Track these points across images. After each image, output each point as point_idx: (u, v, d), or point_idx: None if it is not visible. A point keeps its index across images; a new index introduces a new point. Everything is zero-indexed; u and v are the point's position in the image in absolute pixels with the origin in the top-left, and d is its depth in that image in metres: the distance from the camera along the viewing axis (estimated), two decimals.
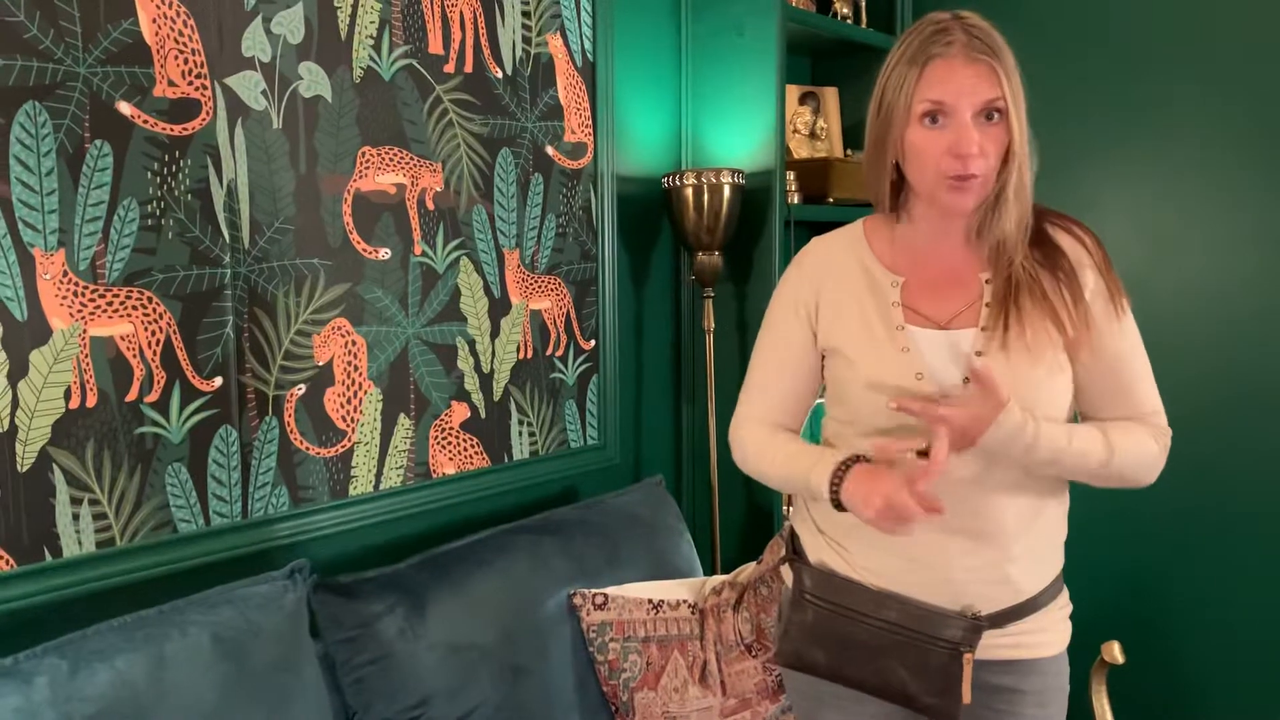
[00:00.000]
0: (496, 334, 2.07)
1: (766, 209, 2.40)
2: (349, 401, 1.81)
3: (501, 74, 2.05)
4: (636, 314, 2.48)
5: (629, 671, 1.86)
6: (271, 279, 1.69)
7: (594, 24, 2.25)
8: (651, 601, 1.91)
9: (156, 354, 1.54)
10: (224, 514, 1.64)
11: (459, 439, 2.02)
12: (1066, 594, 1.42)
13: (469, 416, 2.03)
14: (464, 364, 2.02)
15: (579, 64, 2.23)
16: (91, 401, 1.48)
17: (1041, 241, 1.34)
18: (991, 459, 1.29)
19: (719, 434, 2.41)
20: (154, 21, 1.52)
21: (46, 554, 1.44)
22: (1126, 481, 1.34)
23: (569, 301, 2.24)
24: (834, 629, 1.37)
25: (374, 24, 1.82)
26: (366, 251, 1.83)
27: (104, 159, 1.47)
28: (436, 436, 1.97)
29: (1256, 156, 2.29)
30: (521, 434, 2.15)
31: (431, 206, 1.93)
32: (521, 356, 2.13)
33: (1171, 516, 2.43)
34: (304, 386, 1.74)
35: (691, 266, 2.40)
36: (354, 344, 1.82)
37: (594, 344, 2.31)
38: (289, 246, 1.71)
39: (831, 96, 2.78)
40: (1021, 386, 1.27)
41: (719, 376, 2.45)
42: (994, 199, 1.29)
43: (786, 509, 2.42)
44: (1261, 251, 2.29)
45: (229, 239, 1.63)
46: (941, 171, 1.26)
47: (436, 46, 1.92)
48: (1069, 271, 1.31)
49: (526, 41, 2.10)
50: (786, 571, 1.50)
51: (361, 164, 1.81)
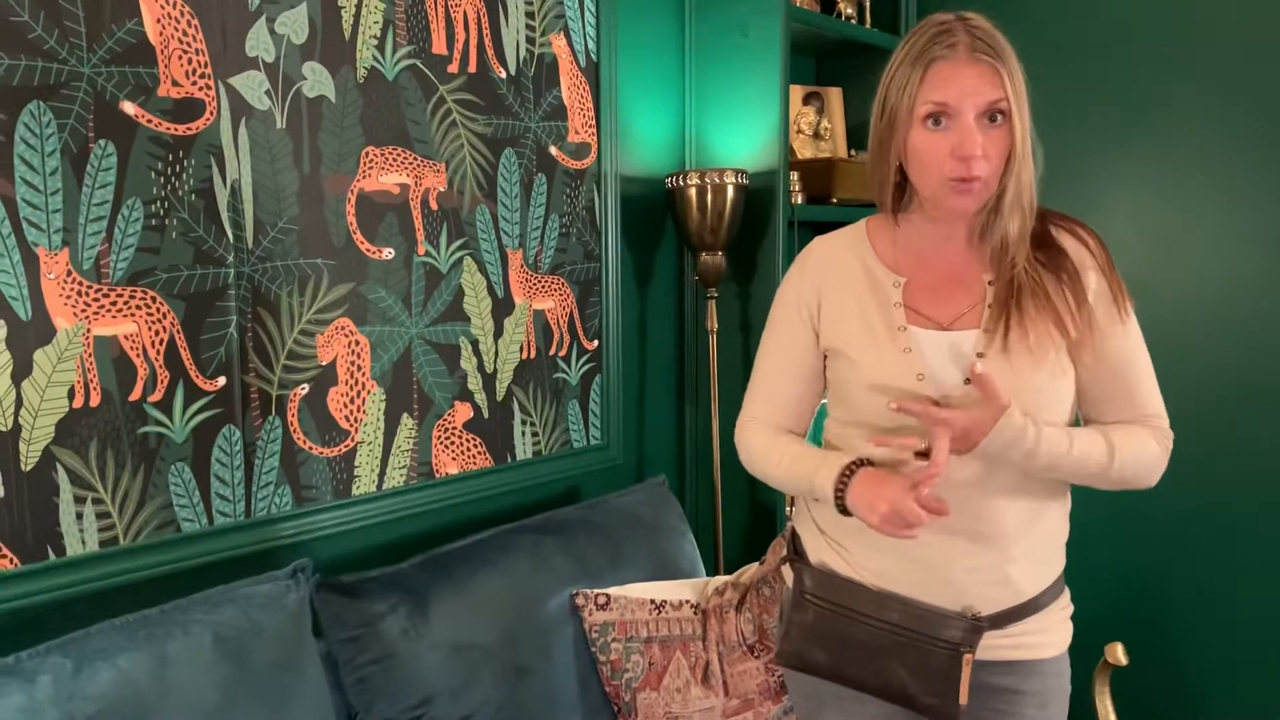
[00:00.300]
0: (500, 334, 2.08)
1: (770, 209, 2.40)
2: (352, 401, 1.82)
3: (505, 74, 2.05)
4: (640, 314, 2.48)
5: (631, 672, 1.86)
6: (275, 279, 1.69)
7: (597, 24, 2.25)
8: (654, 602, 1.91)
9: (160, 353, 1.55)
10: (227, 513, 1.65)
11: (462, 439, 2.02)
12: (1068, 595, 1.42)
13: (472, 416, 2.03)
14: (467, 364, 2.02)
15: (582, 64, 2.23)
16: (95, 401, 1.48)
17: (1045, 243, 1.34)
18: (992, 462, 1.29)
19: (722, 434, 2.41)
20: (158, 21, 1.52)
21: (50, 553, 1.44)
22: (1127, 484, 1.34)
23: (572, 301, 2.24)
24: (835, 629, 1.37)
25: (378, 24, 1.82)
26: (370, 251, 1.83)
27: (108, 159, 1.48)
28: (439, 436, 1.97)
29: (1257, 156, 2.28)
30: (524, 434, 2.15)
31: (435, 206, 1.93)
32: (525, 356, 2.14)
33: (1174, 517, 2.43)
34: (307, 386, 1.75)
35: (695, 267, 2.40)
36: (357, 344, 1.82)
37: (597, 344, 2.32)
38: (292, 246, 1.72)
39: (835, 97, 2.78)
40: (1023, 389, 1.27)
41: (722, 377, 2.45)
42: (996, 201, 1.29)
43: (789, 509, 2.42)
44: (1262, 251, 2.29)
45: (233, 239, 1.63)
46: (944, 174, 1.26)
47: (440, 47, 1.93)
48: (1072, 273, 1.31)
49: (530, 42, 2.10)
50: (787, 572, 1.50)
51: (365, 164, 1.81)
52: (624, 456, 2.42)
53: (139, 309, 1.52)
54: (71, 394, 1.45)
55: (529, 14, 2.09)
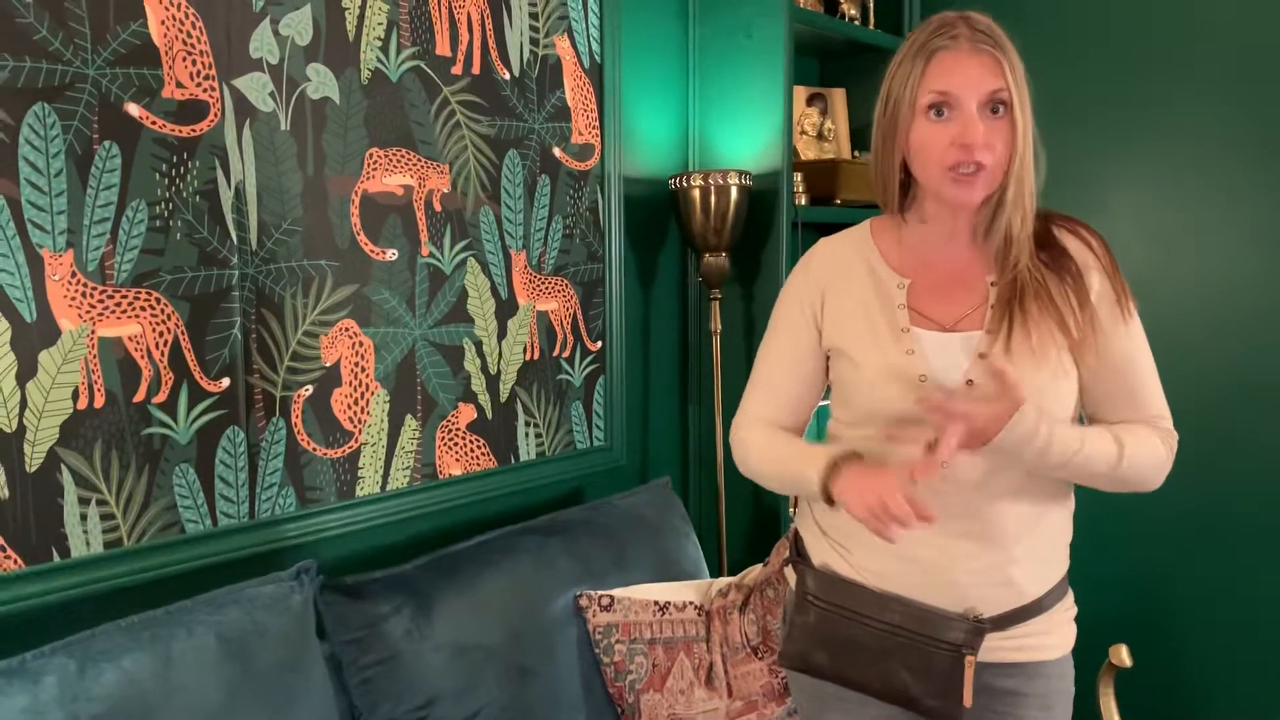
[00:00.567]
0: (503, 335, 2.08)
1: (774, 210, 2.40)
2: (356, 402, 1.82)
3: (509, 76, 2.05)
4: (643, 315, 2.48)
5: (635, 673, 1.86)
6: (279, 280, 1.69)
7: (601, 26, 2.25)
8: (658, 603, 1.91)
9: (164, 355, 1.55)
10: (231, 514, 1.65)
11: (466, 440, 2.02)
12: (1071, 596, 1.41)
13: (475, 418, 2.03)
14: (471, 365, 2.02)
15: (586, 66, 2.23)
16: (99, 402, 1.48)
17: (1048, 244, 1.33)
18: (1002, 460, 1.28)
19: (725, 435, 2.40)
20: (162, 23, 1.53)
21: (55, 554, 1.44)
22: (1133, 485, 1.33)
23: (576, 303, 2.24)
24: (837, 631, 1.36)
25: (382, 26, 1.82)
26: (374, 253, 1.83)
27: (112, 160, 1.48)
28: (443, 437, 1.97)
29: (1257, 157, 2.28)
30: (528, 435, 2.15)
31: (439, 208, 1.94)
32: (528, 358, 2.14)
33: (1177, 518, 2.42)
34: (311, 387, 1.75)
35: (698, 268, 2.40)
36: (361, 345, 1.82)
37: (600, 345, 2.32)
38: (296, 248, 1.72)
39: (839, 98, 2.77)
40: (1026, 390, 1.26)
41: (725, 378, 2.45)
42: (998, 198, 1.29)
43: (792, 511, 2.42)
44: (1263, 251, 2.29)
45: (237, 240, 1.63)
46: (947, 164, 1.26)
47: (444, 48, 1.93)
48: (1075, 274, 1.31)
49: (534, 43, 2.10)
50: (790, 573, 1.49)
51: (369, 165, 1.82)
52: (627, 458, 2.42)
53: (143, 310, 1.52)
54: (76, 395, 1.46)
55: (533, 15, 2.09)
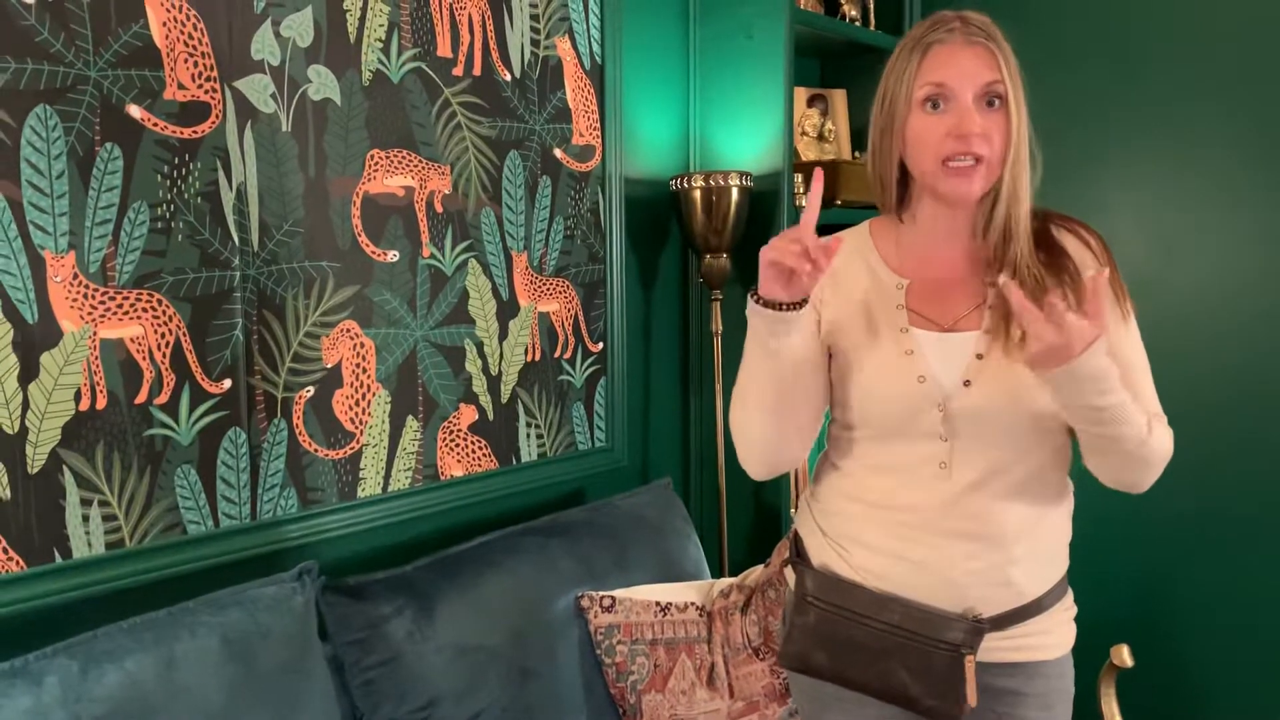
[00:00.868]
0: (504, 336, 2.08)
1: (774, 211, 2.40)
2: (357, 404, 1.82)
3: (510, 77, 2.06)
4: (644, 316, 2.48)
5: (637, 674, 1.86)
6: (280, 281, 1.70)
7: (602, 27, 2.25)
8: (659, 604, 1.91)
9: (166, 356, 1.55)
10: (233, 516, 1.65)
11: (467, 441, 2.02)
12: (1070, 596, 1.41)
13: (477, 419, 2.04)
14: (472, 366, 2.02)
15: (587, 67, 2.23)
16: (101, 403, 1.48)
17: (1047, 244, 1.33)
18: (1064, 393, 1.21)
19: (726, 436, 2.40)
20: (164, 25, 1.53)
21: (57, 555, 1.44)
22: (1144, 468, 1.30)
23: (577, 304, 2.24)
24: (836, 631, 1.36)
25: (383, 27, 1.82)
26: (375, 254, 1.83)
27: (114, 162, 1.48)
28: (444, 439, 1.97)
29: (1258, 157, 2.28)
30: (529, 436, 2.15)
31: (440, 209, 1.94)
32: (529, 359, 2.14)
33: (1179, 518, 2.42)
34: (313, 389, 1.75)
35: (699, 269, 2.40)
36: (362, 346, 1.82)
37: (602, 346, 2.32)
38: (298, 249, 1.72)
39: (840, 99, 2.78)
40: (1023, 390, 1.26)
41: (727, 378, 2.45)
42: (995, 193, 1.29)
43: (793, 511, 2.42)
44: (1264, 252, 2.29)
45: (238, 241, 1.64)
46: (943, 155, 1.26)
47: (445, 49, 1.93)
48: (1074, 274, 1.30)
49: (535, 44, 2.11)
50: (789, 574, 1.49)
51: (370, 166, 1.82)
52: (629, 459, 2.42)
53: (145, 312, 1.52)
54: (78, 397, 1.46)
55: (534, 17, 2.10)
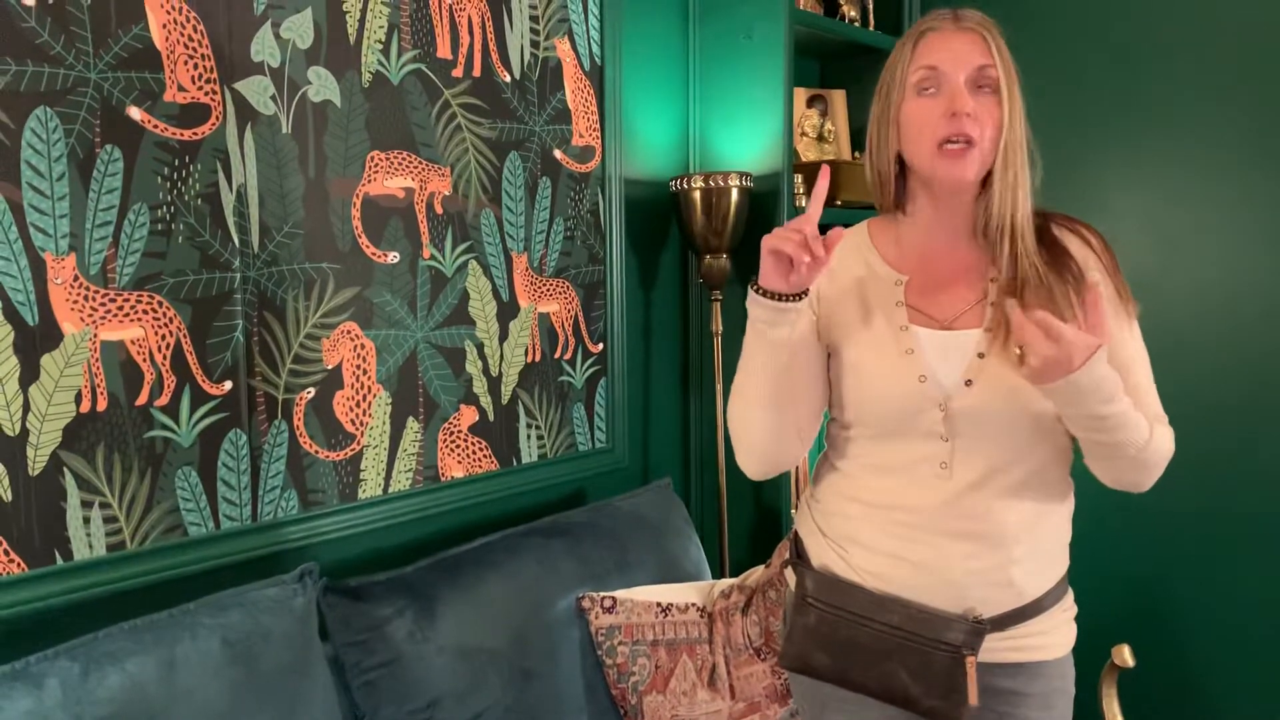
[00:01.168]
0: (505, 337, 2.08)
1: (774, 212, 2.40)
2: (358, 405, 1.82)
3: (510, 78, 2.06)
4: (644, 317, 2.48)
5: (638, 675, 1.86)
6: (281, 283, 1.70)
7: (601, 28, 2.25)
8: (660, 605, 1.91)
9: (166, 358, 1.55)
10: (234, 517, 1.65)
11: (467, 442, 2.02)
12: (1071, 596, 1.40)
13: (477, 420, 2.04)
14: (472, 367, 2.02)
15: (587, 68, 2.23)
16: (102, 405, 1.48)
17: (1049, 244, 1.33)
18: (1065, 403, 1.22)
19: (727, 436, 2.40)
20: (164, 27, 1.53)
21: (58, 557, 1.44)
22: (1145, 472, 1.30)
23: (577, 304, 2.24)
24: (836, 632, 1.36)
25: (383, 29, 1.82)
26: (375, 255, 1.83)
27: (114, 164, 1.48)
28: (445, 440, 1.97)
29: (1261, 157, 2.28)
30: (530, 437, 2.15)
31: (440, 210, 1.94)
32: (529, 360, 2.14)
33: (1181, 518, 2.42)
34: (313, 390, 1.75)
35: (699, 269, 2.40)
36: (363, 347, 1.82)
37: (602, 347, 2.32)
38: (298, 250, 1.72)
39: (839, 99, 2.78)
40: (1025, 390, 1.26)
41: (727, 379, 2.44)
42: (993, 189, 1.29)
43: (794, 512, 2.42)
44: (1266, 252, 2.29)
45: (239, 243, 1.64)
46: (938, 138, 1.27)
47: (445, 51, 1.93)
48: (1077, 274, 1.30)
49: (534, 45, 2.11)
50: (789, 575, 1.49)
51: (370, 168, 1.82)
52: (629, 459, 2.42)
53: (145, 314, 1.52)
54: (78, 399, 1.46)
55: (533, 18, 2.10)
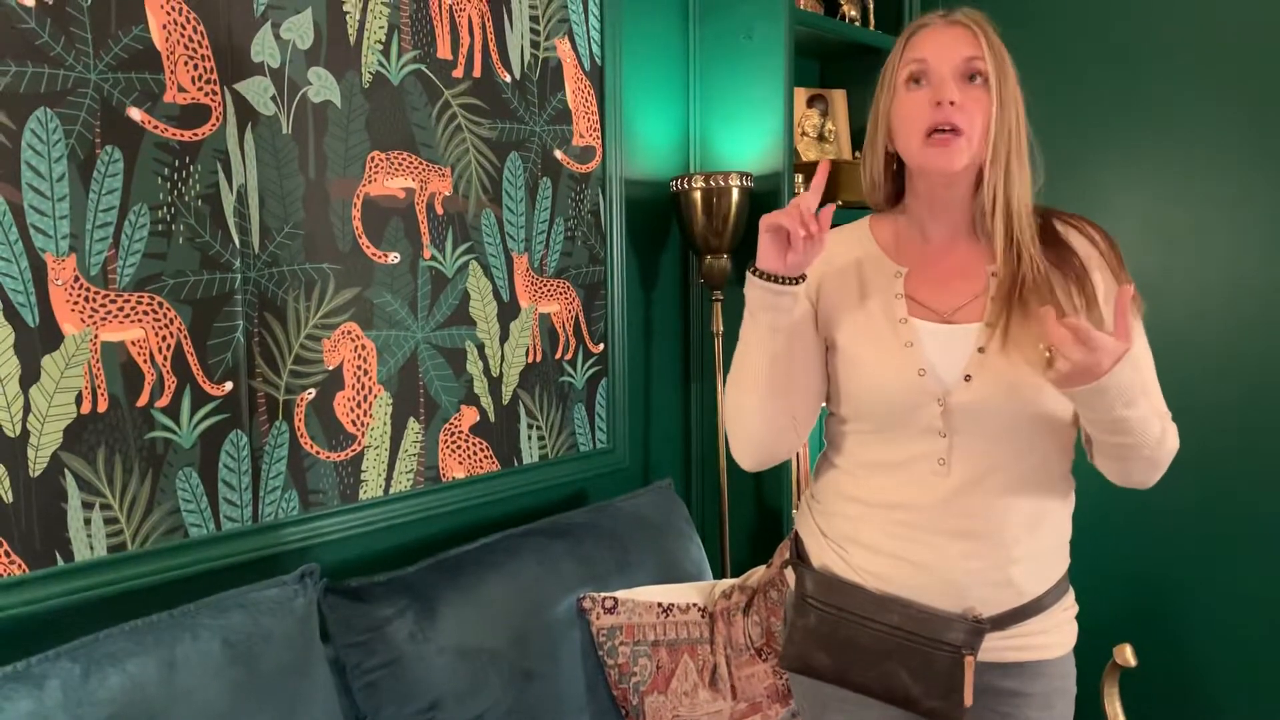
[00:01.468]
0: (505, 338, 2.08)
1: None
2: (359, 406, 1.82)
3: (510, 78, 2.06)
4: (645, 317, 2.48)
5: (639, 675, 1.86)
6: (281, 283, 1.70)
7: (602, 28, 2.25)
8: (661, 605, 1.91)
9: (167, 359, 1.55)
10: (234, 518, 1.65)
11: (468, 443, 2.02)
12: (1071, 595, 1.40)
13: (478, 420, 2.03)
14: (473, 368, 2.02)
15: (587, 68, 2.23)
16: (103, 406, 1.48)
17: (1052, 240, 1.33)
18: (1089, 407, 1.20)
19: (728, 436, 2.40)
20: (164, 28, 1.53)
21: (58, 558, 1.44)
22: (1152, 469, 1.30)
23: (578, 305, 2.24)
24: (836, 633, 1.35)
25: (383, 29, 1.82)
26: (376, 256, 1.83)
27: (115, 165, 1.48)
28: (446, 440, 1.97)
29: (1262, 157, 2.28)
30: (530, 438, 2.15)
31: (440, 211, 1.94)
32: (530, 360, 2.14)
33: (1182, 517, 2.42)
34: (314, 391, 1.75)
35: (700, 269, 2.40)
36: (364, 348, 1.82)
37: (603, 347, 2.32)
38: (299, 251, 1.72)
39: (840, 99, 2.78)
40: (1024, 385, 1.26)
41: (727, 379, 2.45)
42: (991, 188, 1.29)
43: (794, 512, 2.41)
44: (1267, 252, 2.28)
45: (239, 244, 1.63)
46: (922, 127, 1.28)
47: (445, 51, 1.93)
48: (1080, 271, 1.30)
49: (535, 46, 2.11)
50: (790, 575, 1.49)
51: (370, 169, 1.82)
52: (630, 460, 2.42)
53: (146, 315, 1.52)
54: (79, 400, 1.46)
55: (533, 18, 2.10)
